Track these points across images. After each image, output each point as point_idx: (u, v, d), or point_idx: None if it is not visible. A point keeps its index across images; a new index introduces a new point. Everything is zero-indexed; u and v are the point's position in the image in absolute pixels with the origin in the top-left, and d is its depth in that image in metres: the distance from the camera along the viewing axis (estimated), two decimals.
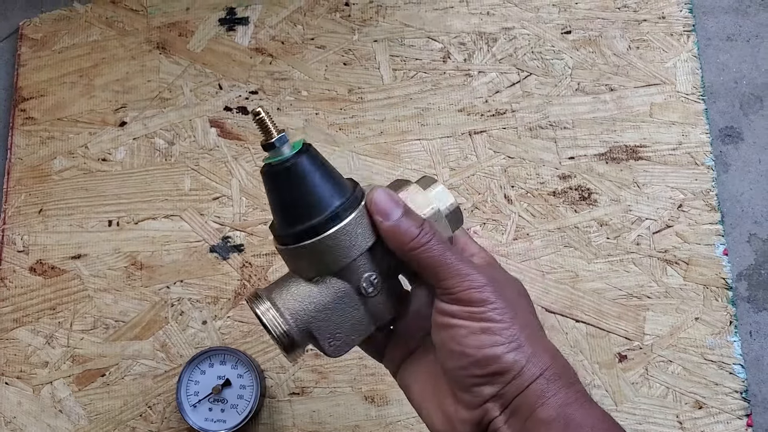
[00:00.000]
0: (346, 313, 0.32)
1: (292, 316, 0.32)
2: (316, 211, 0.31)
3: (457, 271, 0.31)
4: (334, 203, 0.31)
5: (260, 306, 0.32)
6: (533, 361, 0.30)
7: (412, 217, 0.32)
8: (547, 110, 0.57)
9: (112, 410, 0.53)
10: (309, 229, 0.31)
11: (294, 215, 0.31)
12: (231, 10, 0.61)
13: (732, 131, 0.57)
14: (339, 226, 0.31)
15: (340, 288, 0.32)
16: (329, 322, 0.32)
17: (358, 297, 0.32)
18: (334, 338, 0.32)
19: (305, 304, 0.32)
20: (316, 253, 0.31)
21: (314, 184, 0.31)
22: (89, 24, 0.63)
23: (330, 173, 0.32)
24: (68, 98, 0.61)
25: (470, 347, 0.30)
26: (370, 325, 0.33)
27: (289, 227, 0.31)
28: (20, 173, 0.59)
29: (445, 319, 0.31)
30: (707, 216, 0.53)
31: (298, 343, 0.32)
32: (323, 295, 0.32)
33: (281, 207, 0.32)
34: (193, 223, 0.57)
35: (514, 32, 0.59)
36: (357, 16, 0.60)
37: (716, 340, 0.51)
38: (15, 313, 0.56)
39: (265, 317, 0.31)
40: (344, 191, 0.32)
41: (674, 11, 0.58)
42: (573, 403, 0.29)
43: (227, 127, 0.59)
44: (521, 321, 0.31)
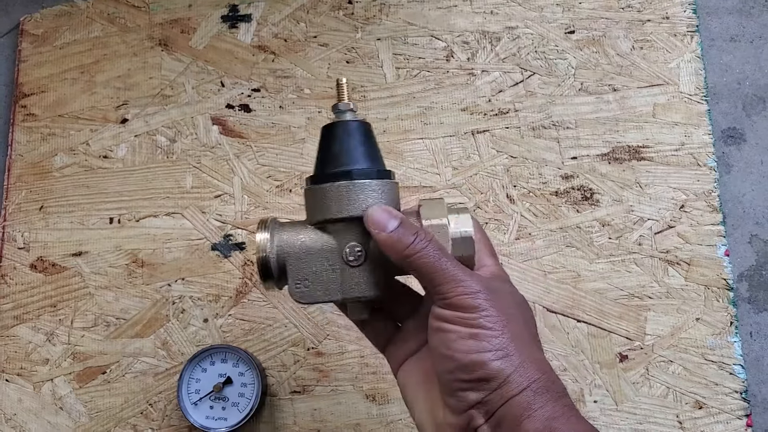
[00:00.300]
0: (322, 267, 0.35)
1: (278, 246, 0.35)
2: (337, 164, 0.35)
3: (452, 276, 0.32)
4: (356, 165, 0.35)
5: (261, 230, 0.36)
6: (520, 371, 0.30)
7: (408, 226, 0.33)
8: (550, 110, 0.57)
9: (112, 408, 0.53)
10: (324, 175, 0.35)
11: (323, 163, 0.36)
12: (234, 7, 0.61)
13: (734, 132, 0.57)
14: (345, 181, 0.34)
15: (328, 241, 0.35)
16: (304, 266, 0.35)
17: (339, 260, 0.35)
18: (302, 283, 0.35)
19: (293, 238, 0.35)
20: (319, 198, 0.35)
21: (350, 146, 0.35)
22: (91, 20, 0.62)
23: (369, 147, 0.36)
24: (69, 94, 0.60)
25: (458, 351, 0.30)
26: (338, 293, 0.35)
27: (315, 171, 0.36)
28: (21, 170, 0.59)
29: (438, 323, 0.32)
30: (709, 217, 0.53)
31: (273, 272, 0.35)
32: (311, 239, 0.35)
33: (319, 154, 0.36)
34: (195, 221, 0.56)
35: (518, 31, 0.58)
36: (360, 14, 0.60)
37: (717, 341, 0.51)
38: (16, 310, 0.56)
39: (258, 237, 0.35)
40: (373, 164, 0.36)
41: (678, 12, 0.58)
42: (560, 417, 0.29)
43: (229, 124, 0.58)
44: (512, 331, 0.31)
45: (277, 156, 0.57)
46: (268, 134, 0.58)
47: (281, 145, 0.58)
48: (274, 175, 0.57)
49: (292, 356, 0.53)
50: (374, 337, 0.38)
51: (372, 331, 0.38)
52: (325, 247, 0.35)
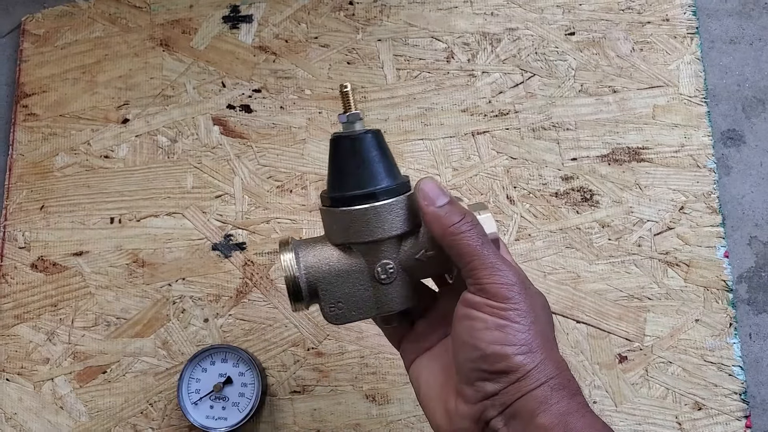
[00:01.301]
0: (354, 289, 0.34)
1: (306, 268, 0.34)
2: (358, 185, 0.34)
3: (491, 263, 0.32)
4: (377, 184, 0.34)
5: (284, 251, 0.35)
6: (540, 368, 0.30)
7: (456, 205, 0.33)
8: (550, 111, 0.57)
9: (113, 407, 0.53)
10: (346, 198, 0.34)
11: (340, 182, 0.35)
12: (235, 8, 0.61)
13: (734, 134, 0.57)
14: (371, 205, 0.33)
15: (357, 263, 0.34)
16: (336, 289, 0.34)
17: (370, 279, 0.34)
18: (336, 306, 0.35)
19: (321, 263, 0.34)
20: (344, 222, 0.34)
21: (367, 161, 0.34)
22: (92, 20, 0.62)
23: (386, 160, 0.35)
24: (71, 94, 0.61)
25: (483, 341, 0.30)
26: (373, 310, 0.35)
27: (333, 191, 0.35)
28: (22, 169, 0.59)
29: (467, 310, 0.32)
30: (708, 218, 0.54)
31: (304, 295, 0.34)
32: (340, 262, 0.34)
33: (334, 171, 0.35)
34: (196, 221, 0.57)
35: (518, 33, 0.59)
36: (361, 15, 0.60)
37: (716, 342, 0.51)
38: (16, 310, 0.56)
39: (283, 260, 0.34)
40: (392, 178, 0.34)
41: (678, 14, 0.58)
42: (574, 413, 0.30)
43: (230, 125, 0.59)
44: (538, 329, 0.31)
45: (278, 156, 0.58)
46: (269, 135, 0.58)
47: (282, 145, 0.58)
48: (275, 176, 0.57)
49: (292, 356, 0.53)
50: (391, 334, 0.39)
51: (389, 328, 0.39)
52: (355, 269, 0.34)
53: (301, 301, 0.35)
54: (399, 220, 0.34)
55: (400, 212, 0.34)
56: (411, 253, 0.35)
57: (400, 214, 0.34)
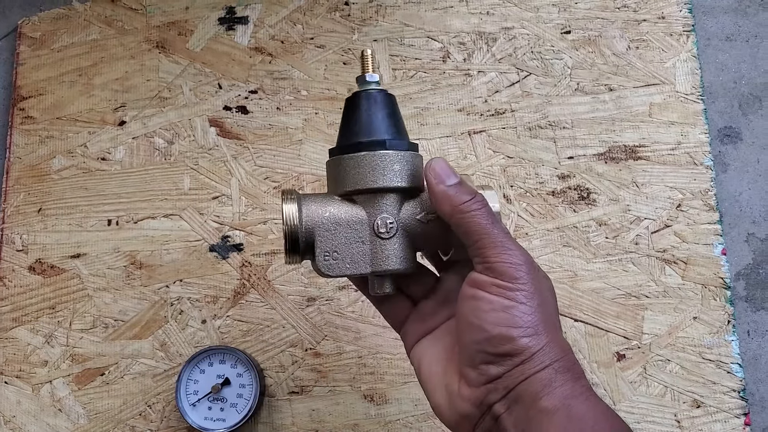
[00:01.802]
0: (352, 239, 0.35)
1: (307, 216, 0.34)
2: (365, 134, 0.35)
3: (500, 242, 0.31)
4: (384, 135, 0.35)
5: (287, 201, 0.35)
6: (545, 350, 0.30)
7: (466, 186, 0.33)
8: (546, 110, 0.57)
9: (111, 409, 0.53)
10: (352, 145, 0.35)
11: (349, 133, 0.35)
12: (230, 9, 0.61)
13: (731, 131, 0.57)
14: (377, 151, 0.34)
15: (358, 213, 0.35)
16: (333, 237, 0.34)
17: (369, 232, 0.34)
18: (330, 255, 0.35)
19: (322, 208, 0.35)
20: (351, 168, 0.34)
21: (378, 115, 0.35)
22: (88, 23, 0.63)
23: (396, 118, 0.36)
24: (67, 97, 0.61)
25: (488, 323, 0.30)
26: (367, 265, 0.35)
27: (340, 142, 0.36)
28: (19, 172, 0.59)
29: (473, 290, 0.31)
30: (706, 216, 0.54)
31: (300, 244, 0.34)
32: (341, 210, 0.35)
33: (347, 123, 0.36)
34: (193, 223, 0.57)
35: (514, 32, 0.59)
36: (357, 15, 0.60)
37: (714, 340, 0.51)
38: (14, 312, 0.56)
39: (285, 208, 0.34)
40: (398, 135, 0.35)
41: (674, 11, 0.58)
42: (578, 396, 0.29)
43: (227, 126, 0.59)
44: (544, 311, 0.31)
45: (275, 157, 0.58)
46: (266, 136, 0.58)
47: (278, 146, 0.58)
48: (272, 177, 0.57)
49: (290, 357, 0.53)
50: (390, 316, 0.38)
51: (388, 310, 0.38)
52: (355, 219, 0.34)
53: (296, 251, 0.35)
54: (403, 173, 0.34)
55: (405, 166, 0.35)
56: (412, 213, 0.35)
57: (404, 167, 0.34)
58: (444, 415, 0.32)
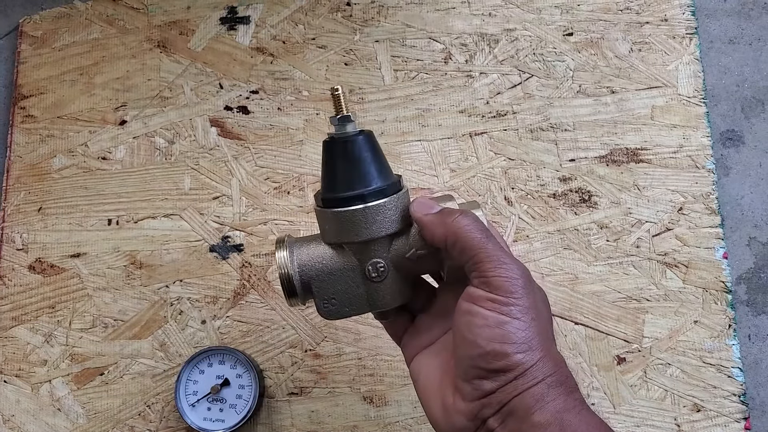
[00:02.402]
0: (347, 286, 0.35)
1: (300, 266, 0.35)
2: (350, 186, 0.34)
3: (495, 256, 0.31)
4: (367, 185, 0.34)
5: (280, 249, 0.36)
6: (538, 366, 0.30)
7: (450, 209, 0.34)
8: (548, 112, 0.56)
9: (110, 409, 0.53)
10: (338, 199, 0.35)
11: (333, 183, 0.35)
12: (232, 9, 0.61)
13: (733, 135, 0.56)
14: (361, 206, 0.34)
15: (348, 262, 0.35)
16: (329, 286, 0.35)
17: (362, 277, 0.35)
18: (329, 302, 0.36)
19: (314, 261, 0.35)
20: (336, 222, 0.35)
21: (360, 162, 0.34)
22: (90, 22, 0.62)
23: (378, 161, 0.35)
24: (68, 96, 0.61)
25: (482, 338, 0.30)
26: (365, 306, 0.36)
27: (326, 192, 0.35)
28: (20, 171, 0.59)
29: (468, 305, 0.32)
30: (707, 219, 0.53)
31: (298, 292, 0.36)
32: (332, 261, 0.35)
33: (327, 174, 0.36)
34: (193, 223, 0.57)
35: (516, 34, 0.58)
36: (358, 16, 0.60)
37: (715, 344, 0.51)
38: (14, 312, 0.56)
39: (278, 258, 0.35)
40: (384, 179, 0.35)
41: (677, 14, 0.58)
42: (571, 410, 0.29)
43: (228, 126, 0.59)
44: (538, 326, 0.31)
45: (276, 158, 0.57)
46: (267, 136, 0.58)
47: (279, 146, 0.58)
48: (272, 177, 0.57)
49: (290, 358, 0.53)
50: (390, 328, 0.39)
51: (389, 323, 0.39)
52: (347, 266, 0.35)
53: (295, 296, 0.36)
54: (389, 220, 0.34)
55: (389, 213, 0.34)
56: (401, 252, 0.35)
57: (389, 215, 0.34)
58: (440, 427, 0.33)
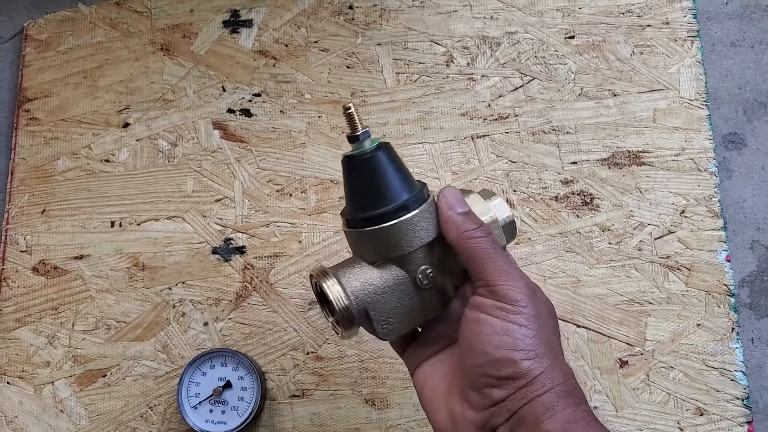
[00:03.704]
0: (401, 300, 0.35)
1: (354, 293, 0.34)
2: (386, 201, 0.34)
3: (501, 267, 0.32)
4: (403, 196, 0.34)
5: (327, 281, 0.34)
6: (547, 374, 0.30)
7: (473, 216, 0.34)
8: (550, 115, 0.57)
9: (113, 411, 0.53)
10: (377, 216, 0.34)
11: (365, 202, 0.34)
12: (235, 13, 0.62)
13: (735, 137, 0.56)
14: (405, 217, 0.34)
15: (399, 275, 0.34)
16: (385, 306, 0.35)
17: (414, 287, 0.35)
18: (387, 322, 0.35)
19: (366, 284, 0.34)
20: (381, 239, 0.34)
21: (388, 176, 0.34)
22: (93, 25, 0.63)
23: (402, 170, 0.35)
24: (72, 99, 0.61)
25: (490, 346, 0.31)
26: (419, 317, 0.35)
27: (359, 212, 0.35)
28: (24, 173, 0.59)
29: (475, 313, 0.32)
30: (710, 222, 0.53)
31: (356, 320, 0.34)
32: (383, 279, 0.34)
33: (355, 194, 0.35)
34: (196, 225, 0.57)
35: (518, 36, 0.59)
36: (360, 19, 0.60)
37: (718, 347, 0.51)
38: (17, 313, 0.56)
39: (331, 291, 0.34)
40: (413, 188, 0.35)
41: (678, 17, 0.58)
42: (580, 421, 0.29)
43: (230, 129, 0.59)
44: (544, 335, 0.31)
45: (278, 160, 0.58)
46: (269, 139, 0.58)
47: (282, 149, 0.58)
48: (275, 180, 0.57)
49: (292, 360, 0.53)
50: (397, 343, 0.39)
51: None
52: (398, 281, 0.34)
53: (353, 326, 0.35)
54: (431, 225, 0.34)
55: (429, 217, 0.35)
56: (444, 254, 0.35)
57: (429, 219, 0.35)
58: None
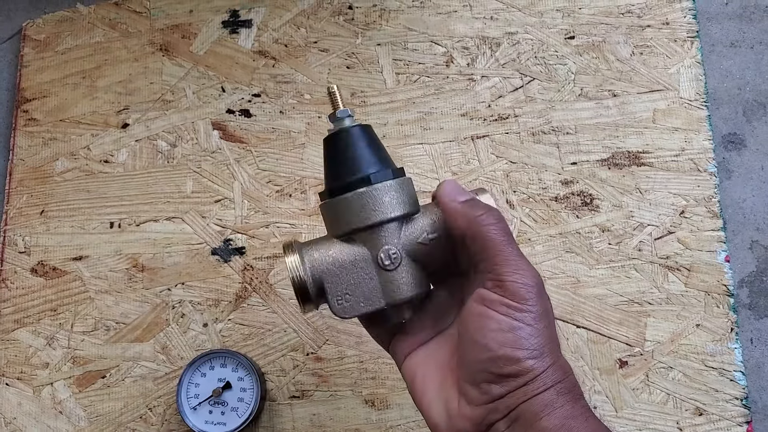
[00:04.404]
0: (360, 278, 0.34)
1: (311, 263, 0.34)
2: (352, 172, 0.35)
3: (513, 261, 0.31)
4: (370, 169, 0.34)
5: (289, 254, 0.35)
6: (548, 372, 0.30)
7: (477, 201, 0.34)
8: (549, 115, 0.57)
9: (112, 412, 0.53)
10: (342, 185, 0.34)
11: (335, 174, 0.35)
12: (234, 13, 0.61)
13: (735, 138, 0.56)
14: (367, 188, 0.34)
15: (359, 251, 0.34)
16: (341, 281, 0.34)
17: (375, 266, 0.34)
18: (343, 298, 0.35)
19: (324, 255, 0.35)
20: (344, 209, 0.34)
21: (358, 150, 0.35)
22: (92, 25, 0.63)
23: (377, 149, 0.36)
24: (71, 99, 0.61)
25: (494, 342, 0.30)
26: (380, 299, 0.35)
27: (328, 184, 0.36)
28: (22, 174, 0.59)
29: (481, 308, 0.31)
30: (709, 223, 0.53)
31: (311, 294, 0.34)
32: (342, 252, 0.34)
33: (328, 167, 0.36)
34: (195, 226, 0.57)
35: (518, 37, 0.59)
36: (360, 19, 0.60)
37: (717, 347, 0.51)
38: (16, 314, 0.56)
39: (288, 261, 0.34)
40: (385, 164, 0.35)
41: (678, 17, 0.58)
42: (578, 417, 0.29)
43: (230, 129, 0.59)
44: (549, 333, 0.31)
45: (278, 161, 0.58)
46: (269, 139, 0.58)
47: (281, 150, 0.58)
48: (274, 180, 0.57)
49: (292, 361, 0.53)
50: (378, 334, 0.38)
51: (376, 328, 0.38)
52: (359, 257, 0.34)
53: (310, 301, 0.35)
54: (396, 202, 0.34)
55: (396, 194, 0.34)
56: (413, 237, 0.35)
57: (396, 196, 0.34)
58: None
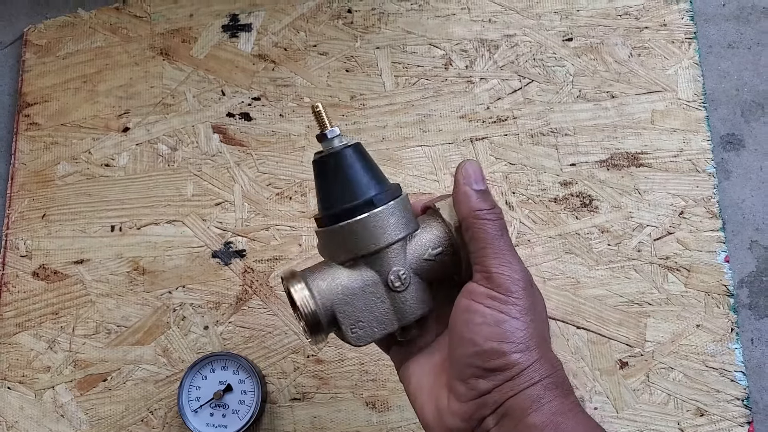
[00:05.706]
0: (372, 303, 0.34)
1: (321, 295, 0.33)
2: (352, 197, 0.33)
3: (502, 254, 0.32)
4: (370, 192, 0.33)
5: (295, 284, 0.33)
6: (535, 366, 0.30)
7: (490, 197, 0.34)
8: (548, 117, 0.57)
9: (113, 415, 0.53)
10: (343, 211, 0.33)
11: (332, 199, 0.34)
12: (234, 17, 0.62)
13: (733, 138, 0.57)
14: (371, 212, 0.33)
15: (369, 276, 0.34)
16: (354, 308, 0.33)
17: (385, 289, 0.34)
18: (356, 326, 0.34)
19: (333, 285, 0.33)
20: (347, 237, 0.33)
21: (354, 173, 0.34)
22: (93, 30, 0.63)
23: (371, 168, 0.35)
24: (72, 104, 0.61)
25: (480, 336, 0.30)
26: (394, 321, 0.34)
27: (326, 210, 0.34)
28: (24, 178, 0.60)
29: (468, 302, 0.31)
30: (708, 223, 0.53)
31: (323, 324, 0.33)
32: (351, 279, 0.33)
33: (323, 192, 0.35)
34: (196, 229, 0.57)
35: (516, 39, 0.59)
36: (359, 23, 0.61)
37: (717, 347, 0.51)
38: (18, 318, 0.56)
39: (297, 294, 0.33)
40: (382, 185, 0.34)
41: (676, 19, 0.58)
42: (567, 412, 0.29)
43: (230, 133, 0.59)
44: (535, 328, 0.31)
45: (278, 164, 0.58)
46: (269, 142, 0.58)
47: (281, 153, 0.58)
48: (275, 183, 0.57)
49: (292, 363, 0.53)
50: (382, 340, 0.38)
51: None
52: (368, 282, 0.33)
53: (321, 331, 0.34)
54: (401, 222, 0.34)
55: (400, 215, 0.34)
56: (417, 255, 0.34)
57: (399, 217, 0.34)
58: (433, 430, 0.32)
